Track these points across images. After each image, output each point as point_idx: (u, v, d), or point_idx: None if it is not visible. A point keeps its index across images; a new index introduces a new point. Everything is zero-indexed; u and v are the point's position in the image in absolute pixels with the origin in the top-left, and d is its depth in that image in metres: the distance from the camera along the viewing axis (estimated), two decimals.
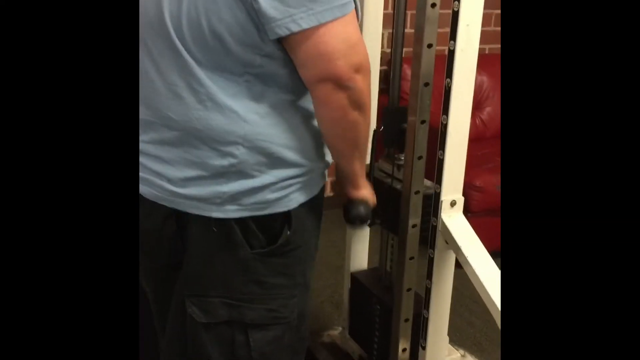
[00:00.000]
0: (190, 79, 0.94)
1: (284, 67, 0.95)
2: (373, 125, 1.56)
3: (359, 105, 0.97)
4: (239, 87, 0.95)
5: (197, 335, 1.06)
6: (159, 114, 0.97)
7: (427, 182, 1.35)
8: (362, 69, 0.93)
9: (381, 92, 1.65)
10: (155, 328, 1.19)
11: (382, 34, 1.54)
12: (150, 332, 1.21)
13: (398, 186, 1.42)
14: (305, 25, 0.88)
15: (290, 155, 1.00)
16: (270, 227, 1.03)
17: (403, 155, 1.37)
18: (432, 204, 1.35)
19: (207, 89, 0.94)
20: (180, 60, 0.93)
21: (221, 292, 1.04)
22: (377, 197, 1.19)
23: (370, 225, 1.65)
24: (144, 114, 0.99)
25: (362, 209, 1.17)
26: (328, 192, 1.16)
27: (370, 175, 1.49)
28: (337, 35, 0.90)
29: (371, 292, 1.62)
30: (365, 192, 1.17)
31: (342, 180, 1.16)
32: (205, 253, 1.03)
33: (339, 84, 0.93)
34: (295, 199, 1.03)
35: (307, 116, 1.02)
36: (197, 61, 0.93)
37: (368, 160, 1.49)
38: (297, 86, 0.98)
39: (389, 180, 1.47)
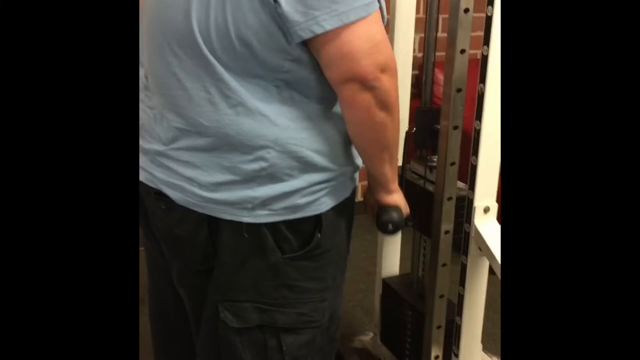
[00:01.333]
0: (221, 86, 0.95)
1: (312, 72, 0.96)
2: (405, 127, 1.55)
3: (386, 105, 0.96)
4: (269, 92, 0.95)
5: (230, 339, 1.07)
6: (191, 121, 0.98)
7: (460, 184, 1.34)
8: (387, 68, 0.93)
9: (413, 96, 1.65)
10: (192, 332, 1.21)
11: (414, 38, 1.54)
12: (188, 335, 1.22)
13: (430, 188, 1.40)
14: (328, 26, 0.88)
15: (321, 159, 1.00)
16: (301, 231, 1.03)
17: (435, 157, 1.35)
18: (465, 210, 1.33)
19: (238, 95, 0.95)
20: (211, 68, 0.94)
21: (252, 297, 1.05)
22: (409, 199, 1.18)
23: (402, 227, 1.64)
24: (176, 122, 0.99)
25: (394, 215, 1.15)
26: (359, 197, 1.15)
27: (402, 177, 1.48)
28: (360, 35, 0.89)
29: (403, 298, 1.62)
30: (398, 198, 1.16)
31: (373, 186, 1.15)
32: (237, 258, 1.04)
33: (364, 84, 0.92)
34: (326, 202, 1.04)
35: (337, 120, 1.02)
36: (226, 68, 0.94)
37: (400, 162, 1.49)
38: (326, 91, 0.98)
39: (421, 182, 1.46)
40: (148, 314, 1.32)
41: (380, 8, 0.92)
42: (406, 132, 1.48)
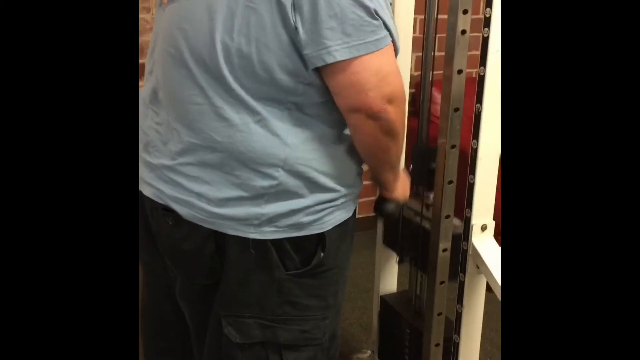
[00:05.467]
0: (236, 104, 0.97)
1: (322, 96, 0.98)
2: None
3: (391, 133, 1.00)
4: (281, 112, 0.98)
5: (233, 355, 1.08)
6: (203, 135, 0.99)
7: (456, 222, 1.36)
8: (394, 99, 0.96)
9: (410, 114, 1.66)
10: (192, 346, 1.21)
11: (411, 57, 1.55)
12: (184, 352, 1.22)
13: (427, 225, 1.44)
14: (339, 57, 0.91)
15: (327, 180, 1.02)
16: (305, 249, 1.05)
17: (432, 194, 1.38)
18: (460, 249, 1.36)
19: (253, 113, 0.97)
20: (227, 87, 0.96)
21: (256, 313, 1.06)
22: (406, 234, 1.20)
23: (399, 263, 1.67)
24: (187, 135, 1.01)
25: (391, 207, 1.24)
26: (358, 214, 1.18)
27: (400, 214, 1.52)
28: (369, 68, 0.93)
29: (401, 315, 1.62)
30: (397, 194, 1.21)
31: (376, 182, 1.21)
32: (242, 273, 1.05)
33: (370, 114, 0.96)
34: (330, 221, 1.05)
35: (345, 143, 1.05)
36: (243, 87, 0.96)
37: None
38: (335, 114, 1.01)
39: (417, 218, 1.49)
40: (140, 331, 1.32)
41: (393, 41, 0.95)
42: (402, 170, 1.51)
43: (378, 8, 0.92)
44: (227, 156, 0.99)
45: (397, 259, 1.67)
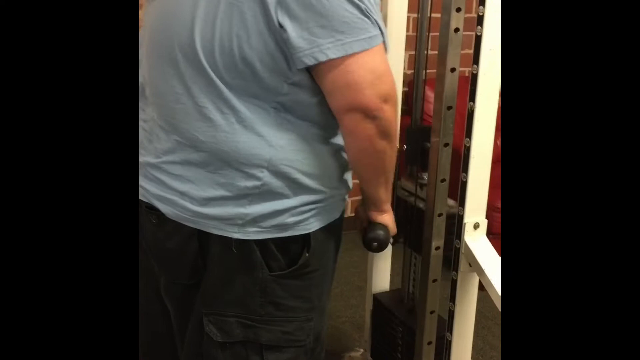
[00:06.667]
0: (220, 103, 0.96)
1: (311, 96, 0.97)
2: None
3: (387, 135, 0.98)
4: (266, 112, 0.97)
5: (213, 353, 1.07)
6: (187, 135, 0.98)
7: (451, 202, 1.35)
8: (389, 99, 0.95)
9: (403, 113, 1.66)
10: (176, 344, 1.20)
11: (404, 56, 1.55)
12: (173, 349, 1.22)
13: (421, 205, 1.42)
14: (332, 55, 0.90)
15: (313, 182, 1.01)
16: (289, 250, 1.04)
17: (425, 174, 1.37)
18: (455, 226, 1.34)
19: (237, 113, 0.96)
20: (211, 84, 0.95)
21: (238, 312, 1.05)
22: (399, 215, 1.18)
23: (393, 244, 1.65)
24: (172, 134, 1.00)
25: (381, 234, 1.17)
26: (349, 213, 1.17)
27: (393, 194, 1.49)
28: (364, 66, 0.91)
29: (394, 314, 1.62)
30: (388, 218, 1.18)
31: (367, 203, 1.17)
32: (225, 272, 1.04)
33: (367, 114, 0.94)
34: (315, 222, 1.04)
35: (332, 144, 1.04)
36: (227, 85, 0.95)
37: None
38: (323, 115, 1.00)
39: (412, 199, 1.47)
40: None
41: (384, 41, 0.94)
42: (397, 149, 1.49)
43: (369, 7, 0.91)
44: (211, 156, 0.98)
45: (390, 242, 1.65)
